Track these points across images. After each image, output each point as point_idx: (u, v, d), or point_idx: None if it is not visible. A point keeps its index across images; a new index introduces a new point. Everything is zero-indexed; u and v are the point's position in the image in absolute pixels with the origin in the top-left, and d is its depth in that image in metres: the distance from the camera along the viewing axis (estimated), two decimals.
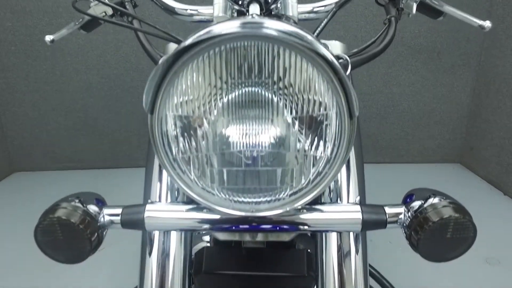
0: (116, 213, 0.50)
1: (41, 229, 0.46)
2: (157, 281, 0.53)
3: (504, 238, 1.92)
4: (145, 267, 0.55)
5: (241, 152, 0.42)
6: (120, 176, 2.68)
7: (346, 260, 0.54)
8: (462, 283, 1.60)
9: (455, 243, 0.46)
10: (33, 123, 2.69)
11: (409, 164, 2.80)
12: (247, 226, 0.48)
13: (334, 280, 0.54)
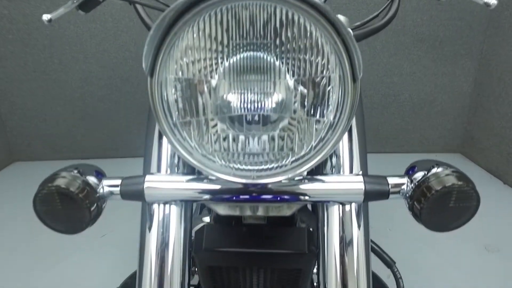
0: (115, 184, 0.49)
1: (39, 198, 0.45)
2: (157, 257, 0.53)
3: (504, 226, 1.92)
4: (144, 243, 0.54)
5: (243, 116, 0.41)
6: (120, 166, 2.67)
7: (348, 236, 0.53)
8: (461, 269, 1.60)
9: (458, 212, 0.45)
10: (32, 113, 2.68)
11: (410, 154, 2.79)
12: (248, 196, 0.47)
13: (335, 256, 0.53)
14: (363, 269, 0.52)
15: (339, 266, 0.52)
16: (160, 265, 0.52)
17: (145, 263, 0.53)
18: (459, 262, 1.65)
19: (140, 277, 0.53)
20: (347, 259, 0.52)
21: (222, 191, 0.47)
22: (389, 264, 0.68)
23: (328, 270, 0.53)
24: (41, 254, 1.73)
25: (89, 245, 1.80)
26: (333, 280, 0.52)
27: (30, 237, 1.87)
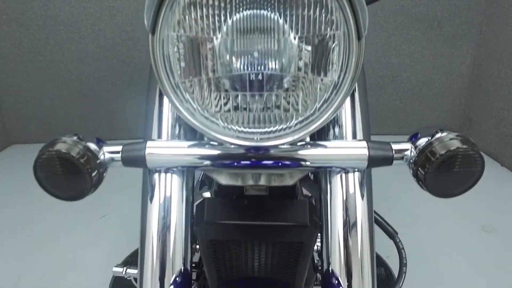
0: (116, 150, 0.48)
1: (40, 163, 0.44)
2: (159, 229, 0.52)
3: (500, 207, 1.94)
4: (146, 215, 0.54)
5: (246, 75, 0.40)
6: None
7: (351, 206, 0.52)
8: (458, 249, 1.62)
9: (463, 177, 0.45)
10: (28, 94, 2.65)
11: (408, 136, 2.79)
12: (249, 162, 0.46)
13: (338, 228, 0.52)
14: (367, 241, 0.52)
15: (342, 238, 0.52)
16: (162, 237, 0.52)
17: (147, 235, 0.53)
18: (456, 242, 1.67)
19: (142, 249, 0.53)
20: (350, 230, 0.52)
21: (224, 157, 0.47)
22: (391, 235, 0.68)
23: (331, 243, 0.53)
24: (40, 236, 1.74)
25: (89, 225, 1.81)
26: (336, 253, 0.52)
27: (29, 220, 1.88)
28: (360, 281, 0.51)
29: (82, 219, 1.85)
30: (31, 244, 1.68)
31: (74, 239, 1.71)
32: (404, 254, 0.67)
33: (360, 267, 0.51)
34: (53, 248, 1.65)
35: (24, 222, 1.84)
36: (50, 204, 2.00)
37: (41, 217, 1.88)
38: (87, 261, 1.56)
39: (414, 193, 2.07)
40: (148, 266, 0.51)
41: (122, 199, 1.97)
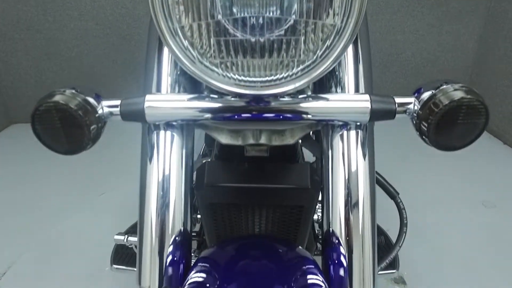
0: (115, 104, 0.47)
1: (38, 116, 0.43)
2: (158, 190, 0.51)
3: (501, 183, 1.94)
4: (146, 175, 0.53)
5: (246, 19, 0.39)
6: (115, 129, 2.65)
7: (352, 166, 0.51)
8: (458, 224, 1.63)
9: (466, 129, 0.44)
10: (28, 72, 2.63)
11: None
12: (250, 115, 0.45)
13: (339, 187, 0.51)
14: (368, 201, 0.51)
15: (343, 199, 0.51)
16: (162, 197, 0.51)
17: (146, 195, 0.52)
18: (456, 217, 1.68)
19: (142, 209, 0.52)
20: (352, 190, 0.51)
21: (225, 109, 0.46)
22: (392, 195, 0.68)
23: (332, 203, 0.52)
24: (41, 214, 1.75)
25: (89, 203, 1.82)
26: (337, 213, 0.51)
27: (31, 198, 1.89)
28: (361, 240, 0.50)
29: (82, 196, 1.86)
30: (33, 220, 1.70)
31: (75, 215, 1.72)
32: (405, 214, 0.67)
33: (362, 227, 0.50)
34: (55, 223, 1.67)
35: (26, 200, 1.85)
36: (51, 182, 2.02)
37: (42, 195, 1.90)
38: (89, 234, 1.58)
39: (414, 169, 2.07)
40: (148, 226, 0.51)
41: (120, 179, 1.98)
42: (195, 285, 0.42)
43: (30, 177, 2.07)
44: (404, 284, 1.31)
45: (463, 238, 1.54)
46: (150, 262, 0.50)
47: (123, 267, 1.01)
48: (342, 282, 0.49)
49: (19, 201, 1.84)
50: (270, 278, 0.43)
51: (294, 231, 0.68)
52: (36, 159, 2.26)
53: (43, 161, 2.23)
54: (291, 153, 0.71)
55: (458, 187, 1.92)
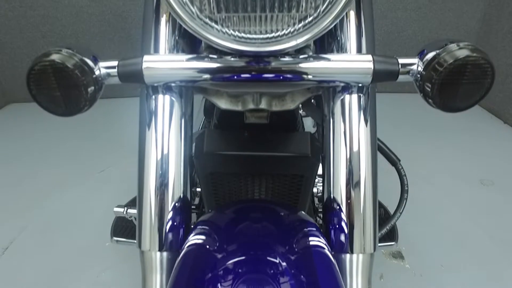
0: (112, 65, 0.46)
1: (33, 75, 0.41)
2: (157, 156, 0.50)
3: (500, 162, 1.94)
4: (144, 141, 0.52)
5: None
6: (115, 106, 2.63)
7: (354, 132, 0.50)
8: (456, 201, 1.63)
9: (471, 89, 0.43)
10: (23, 52, 2.59)
11: (411, 94, 2.75)
12: (250, 75, 0.44)
13: (340, 154, 0.50)
14: (369, 168, 0.50)
15: (344, 165, 0.50)
16: (161, 163, 0.50)
17: (145, 161, 0.51)
18: (454, 194, 1.69)
19: (141, 176, 0.51)
20: (353, 157, 0.50)
21: (224, 70, 0.44)
22: (393, 162, 0.67)
23: (333, 170, 0.51)
24: (41, 191, 1.75)
25: (89, 180, 1.82)
26: (338, 180, 0.50)
27: (31, 176, 1.89)
28: (362, 208, 0.50)
29: (82, 173, 1.86)
30: (34, 197, 1.70)
31: (75, 192, 1.72)
32: (405, 181, 0.66)
33: (363, 194, 0.50)
34: (56, 200, 1.67)
35: (25, 178, 1.85)
36: (50, 161, 2.01)
37: (41, 174, 1.89)
38: (89, 210, 1.59)
39: (413, 146, 2.06)
40: (147, 191, 0.50)
41: (119, 157, 1.98)
42: (195, 247, 0.42)
43: (29, 155, 2.07)
44: (402, 258, 1.32)
45: (460, 215, 1.55)
46: (150, 226, 0.50)
47: (123, 239, 1.02)
48: (343, 246, 0.49)
49: (18, 179, 1.84)
50: (271, 239, 0.42)
51: (294, 201, 0.68)
52: (34, 138, 2.25)
53: (41, 140, 2.22)
54: (291, 122, 0.70)
55: (457, 165, 1.92)
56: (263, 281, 0.37)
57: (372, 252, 0.50)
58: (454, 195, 1.68)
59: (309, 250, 0.41)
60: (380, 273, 1.25)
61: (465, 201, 1.64)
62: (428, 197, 1.65)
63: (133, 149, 0.53)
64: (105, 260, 1.33)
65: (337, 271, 0.41)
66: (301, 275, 0.38)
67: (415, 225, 1.47)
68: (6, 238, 1.45)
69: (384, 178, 0.75)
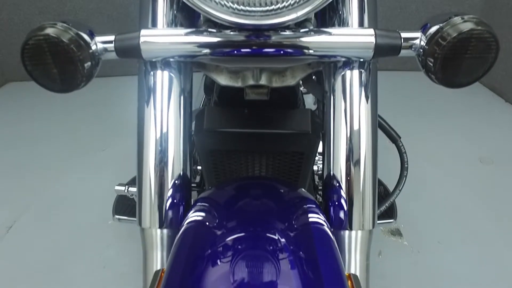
0: (109, 40, 0.45)
1: (27, 50, 0.40)
2: (157, 133, 0.50)
3: (500, 141, 1.94)
4: (143, 118, 0.51)
5: None
6: (114, 85, 2.61)
7: (355, 108, 0.49)
8: (455, 180, 1.64)
9: (474, 64, 0.42)
10: (20, 28, 2.54)
11: (412, 72, 2.72)
12: (250, 50, 0.43)
13: (341, 130, 0.50)
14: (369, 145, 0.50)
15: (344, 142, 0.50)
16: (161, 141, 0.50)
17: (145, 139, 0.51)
18: (453, 173, 1.69)
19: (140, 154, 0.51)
20: (354, 134, 0.50)
21: (224, 44, 0.43)
22: (394, 139, 0.67)
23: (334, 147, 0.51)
24: (42, 170, 1.76)
25: (90, 159, 1.82)
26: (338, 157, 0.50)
27: (30, 155, 1.90)
28: (361, 185, 0.50)
29: (83, 153, 1.87)
30: (36, 176, 1.71)
31: (76, 171, 1.73)
32: (406, 158, 0.67)
33: (363, 171, 0.50)
34: (57, 179, 1.68)
35: (26, 157, 1.86)
36: (51, 140, 2.01)
37: (42, 153, 1.90)
38: (91, 189, 1.60)
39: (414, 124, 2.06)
40: (147, 168, 0.50)
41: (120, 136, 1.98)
42: (194, 224, 0.43)
43: (29, 135, 2.07)
44: (401, 236, 1.34)
45: (459, 193, 1.57)
46: (150, 203, 0.50)
47: (125, 217, 1.03)
48: (342, 223, 0.50)
49: (19, 158, 1.85)
50: (271, 215, 0.43)
51: (294, 179, 0.68)
52: (34, 118, 2.24)
53: (42, 119, 2.22)
54: (292, 98, 0.69)
55: (457, 143, 1.92)
56: (262, 257, 0.37)
57: (371, 229, 0.50)
58: (453, 174, 1.69)
59: (308, 227, 0.42)
60: (379, 250, 1.28)
61: (464, 179, 1.65)
62: (427, 175, 1.66)
63: (134, 128, 0.53)
64: (107, 238, 1.35)
65: (336, 247, 0.42)
66: (300, 251, 0.39)
67: (414, 203, 1.48)
68: (9, 217, 1.47)
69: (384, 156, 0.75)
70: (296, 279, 0.36)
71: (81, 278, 1.20)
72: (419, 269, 1.22)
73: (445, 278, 1.18)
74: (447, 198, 1.53)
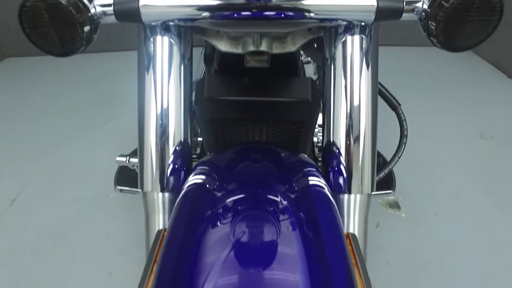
0: (108, 3, 0.45)
1: (25, 13, 0.40)
2: (157, 100, 0.50)
3: (500, 117, 1.94)
4: (144, 85, 0.51)
5: None
6: (114, 60, 2.59)
7: (355, 75, 0.49)
8: (455, 154, 1.65)
9: (477, 27, 0.42)
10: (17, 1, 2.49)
11: (414, 47, 2.69)
12: (250, 13, 0.43)
13: (341, 97, 0.50)
14: (369, 112, 0.50)
15: (344, 109, 0.50)
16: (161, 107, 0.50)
17: (145, 106, 0.51)
18: (453, 147, 1.70)
19: (141, 121, 0.52)
20: (354, 101, 0.50)
21: (224, 7, 0.43)
22: (394, 106, 0.67)
23: (334, 114, 0.51)
24: (44, 144, 1.77)
25: (91, 133, 1.83)
26: (338, 123, 0.51)
27: (31, 130, 1.90)
28: (361, 150, 0.50)
29: (84, 128, 1.87)
30: (38, 150, 1.72)
31: (78, 145, 1.74)
32: (405, 125, 0.67)
33: (363, 137, 0.50)
34: (59, 153, 1.69)
35: (28, 133, 1.86)
36: (51, 114, 2.01)
37: (43, 127, 1.90)
38: (93, 162, 1.61)
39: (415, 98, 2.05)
40: (148, 135, 0.51)
41: (121, 110, 1.98)
42: (195, 186, 0.43)
43: (30, 110, 2.07)
44: (399, 208, 1.36)
45: (457, 167, 1.58)
46: (151, 168, 0.51)
47: (127, 188, 1.05)
48: (342, 187, 0.51)
49: (21, 134, 1.86)
50: (271, 177, 0.43)
51: (294, 148, 0.69)
52: (34, 93, 2.24)
53: (42, 95, 2.21)
54: (292, 67, 0.69)
55: (458, 118, 1.92)
56: (263, 217, 0.38)
57: (370, 193, 0.51)
58: (453, 148, 1.69)
59: (308, 189, 0.43)
60: (377, 222, 1.30)
61: (463, 154, 1.66)
62: (426, 149, 1.67)
63: (134, 104, 0.53)
64: (110, 210, 1.37)
65: (336, 209, 0.43)
66: (300, 211, 0.40)
67: (413, 176, 1.50)
68: (13, 190, 1.49)
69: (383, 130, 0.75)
70: (296, 237, 0.37)
71: (85, 249, 1.23)
72: (416, 240, 1.24)
73: (441, 249, 1.21)
74: (446, 173, 1.54)
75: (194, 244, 0.36)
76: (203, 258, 0.35)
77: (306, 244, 0.36)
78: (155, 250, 0.39)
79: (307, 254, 0.36)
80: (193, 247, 0.36)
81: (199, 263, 0.34)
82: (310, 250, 0.36)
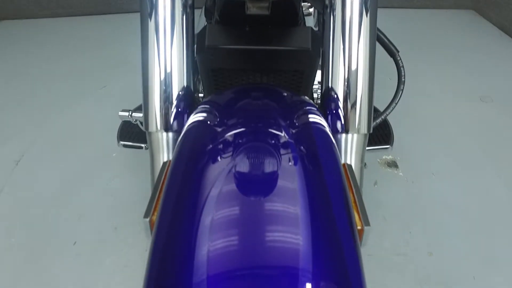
0: None
1: None
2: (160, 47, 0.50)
3: (502, 80, 1.93)
4: (147, 33, 0.51)
5: None
6: (113, 23, 2.54)
7: (354, 21, 0.49)
8: (456, 118, 1.66)
9: None
10: None
11: (420, 10, 2.63)
12: None
13: (340, 44, 0.51)
14: (367, 58, 0.51)
15: (343, 55, 0.51)
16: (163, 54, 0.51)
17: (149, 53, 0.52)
18: (452, 110, 1.71)
19: (145, 68, 0.52)
20: (353, 47, 0.50)
21: None
22: (392, 53, 0.67)
23: (333, 59, 0.52)
24: (44, 107, 1.78)
25: (91, 96, 1.83)
26: (336, 69, 0.51)
27: (31, 93, 1.90)
28: (359, 92, 0.51)
29: (83, 91, 1.87)
30: (39, 112, 1.73)
31: (78, 107, 1.75)
32: (403, 72, 0.68)
33: (361, 81, 0.51)
34: (60, 115, 1.70)
35: (26, 96, 1.86)
36: (50, 78, 2.00)
37: (42, 90, 1.90)
38: (94, 123, 1.63)
39: (416, 61, 2.04)
40: (152, 78, 0.52)
41: (119, 73, 1.96)
42: (197, 123, 0.44)
43: (27, 74, 2.05)
44: (396, 167, 1.39)
45: (456, 129, 1.59)
46: (155, 109, 0.52)
47: (130, 143, 1.06)
48: (340, 127, 0.52)
49: (19, 97, 1.86)
50: (272, 113, 0.44)
51: None
52: (31, 56, 2.21)
53: (39, 58, 2.19)
54: (292, 16, 0.69)
55: (459, 81, 1.91)
56: (264, 149, 0.39)
57: (366, 133, 0.52)
58: (453, 110, 1.70)
59: (309, 125, 0.44)
60: (375, 180, 1.33)
61: (462, 116, 1.67)
62: (426, 111, 1.68)
63: (133, 67, 0.54)
64: (113, 169, 1.40)
65: (335, 145, 0.44)
66: (301, 146, 0.41)
67: (411, 137, 1.51)
68: (17, 152, 1.51)
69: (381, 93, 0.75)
70: (297, 168, 0.38)
71: (90, 207, 1.26)
72: (412, 198, 1.27)
73: (437, 206, 1.24)
74: (445, 134, 1.56)
75: (197, 172, 0.37)
76: (206, 185, 0.36)
77: (307, 174, 0.38)
78: (161, 179, 0.41)
79: (307, 184, 0.37)
80: (196, 175, 0.37)
81: (202, 189, 0.36)
82: (310, 181, 0.37)
